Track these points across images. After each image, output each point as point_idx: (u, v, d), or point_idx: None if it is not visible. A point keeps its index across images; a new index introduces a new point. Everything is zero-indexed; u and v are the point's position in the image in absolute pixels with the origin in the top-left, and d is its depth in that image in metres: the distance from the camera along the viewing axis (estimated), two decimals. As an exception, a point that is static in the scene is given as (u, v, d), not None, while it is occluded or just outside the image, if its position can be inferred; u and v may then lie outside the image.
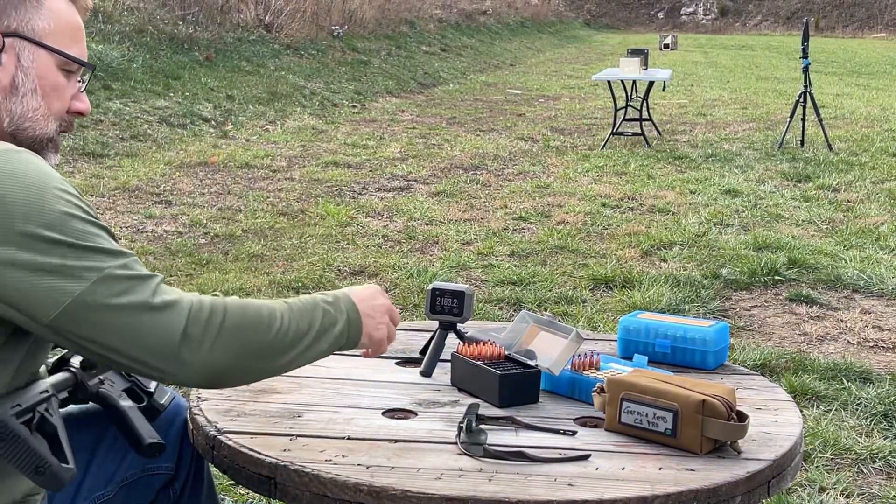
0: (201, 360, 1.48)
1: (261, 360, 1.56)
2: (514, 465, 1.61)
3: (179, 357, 1.46)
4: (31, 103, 1.58)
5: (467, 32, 26.77)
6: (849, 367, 4.24)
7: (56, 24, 1.60)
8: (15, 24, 1.57)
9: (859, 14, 45.37)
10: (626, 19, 51.91)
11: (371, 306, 1.72)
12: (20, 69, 1.57)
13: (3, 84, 1.56)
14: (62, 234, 1.41)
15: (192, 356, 1.47)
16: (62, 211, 1.42)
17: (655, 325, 2.12)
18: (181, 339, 1.46)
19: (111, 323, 1.43)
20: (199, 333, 1.48)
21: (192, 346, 1.47)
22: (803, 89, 10.52)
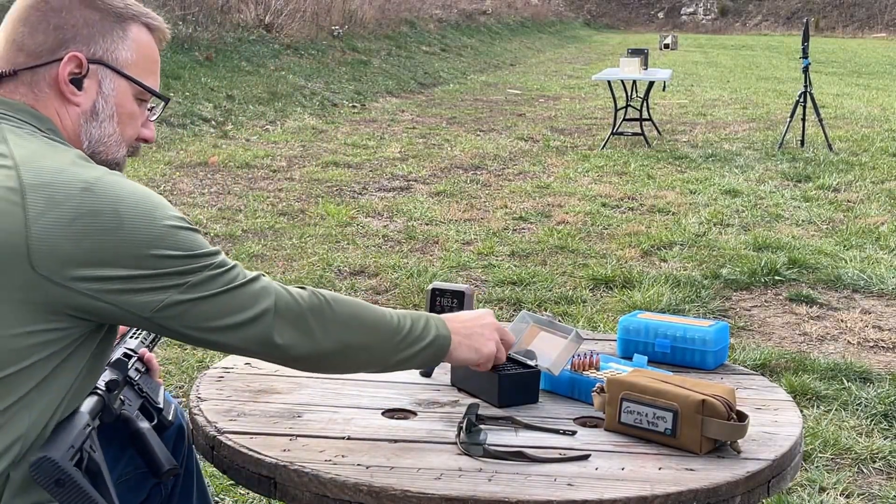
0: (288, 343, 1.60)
1: (364, 348, 1.66)
2: (514, 465, 1.61)
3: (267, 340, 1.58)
4: (107, 129, 1.66)
5: (467, 32, 26.77)
6: (849, 367, 4.24)
7: (137, 56, 1.67)
8: (101, 52, 1.64)
9: (859, 14, 45.37)
10: (626, 19, 51.91)
11: (477, 325, 1.80)
12: (101, 95, 1.64)
13: (84, 108, 1.63)
14: (170, 248, 1.51)
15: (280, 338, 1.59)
16: (169, 225, 1.52)
17: (655, 324, 2.12)
18: (273, 315, 1.58)
19: (209, 311, 1.54)
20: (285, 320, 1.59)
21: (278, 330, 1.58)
22: (803, 89, 10.52)
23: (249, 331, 1.56)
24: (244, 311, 1.56)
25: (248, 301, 1.56)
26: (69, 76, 1.61)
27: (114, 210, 1.47)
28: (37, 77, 1.61)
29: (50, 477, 1.44)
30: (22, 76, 1.60)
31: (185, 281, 1.52)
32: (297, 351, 1.60)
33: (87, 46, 1.62)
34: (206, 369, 2.51)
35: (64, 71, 1.60)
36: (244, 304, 1.56)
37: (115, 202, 1.48)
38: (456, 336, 1.75)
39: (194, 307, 1.53)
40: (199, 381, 1.96)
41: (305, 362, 1.63)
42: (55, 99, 1.62)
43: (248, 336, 1.57)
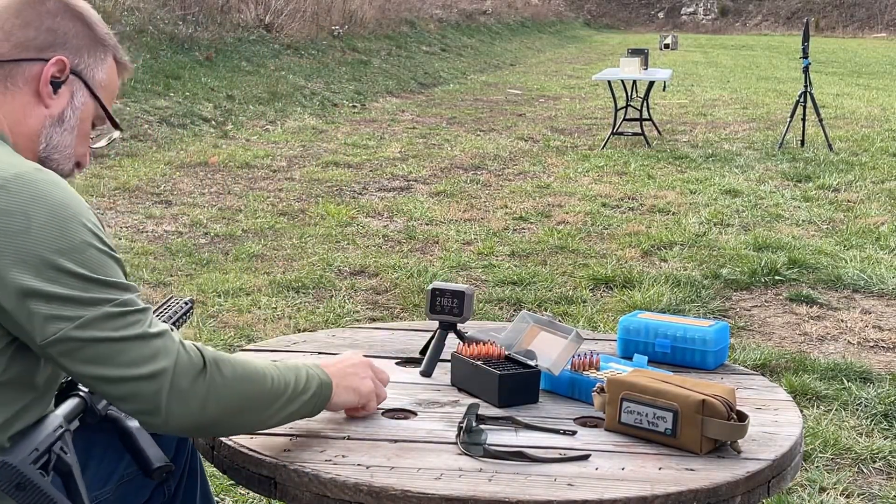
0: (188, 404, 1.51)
1: (248, 412, 1.58)
2: (514, 465, 1.61)
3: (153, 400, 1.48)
4: (66, 139, 1.67)
5: (467, 32, 26.77)
6: (849, 367, 4.24)
7: (108, 82, 1.72)
8: (83, 66, 1.67)
9: (859, 14, 45.36)
10: (627, 19, 51.91)
11: (348, 365, 1.77)
12: (71, 106, 1.67)
13: (52, 113, 1.64)
14: (76, 265, 1.45)
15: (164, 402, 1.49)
16: (82, 240, 1.47)
17: (655, 324, 2.12)
18: (170, 378, 1.48)
19: (102, 354, 1.46)
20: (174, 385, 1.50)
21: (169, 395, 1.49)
22: (803, 89, 10.52)
23: (138, 388, 1.48)
24: (138, 366, 1.47)
25: (146, 356, 1.48)
26: (51, 78, 1.62)
27: (24, 212, 1.43)
28: (16, 71, 1.61)
29: (10, 481, 1.44)
30: (2, 67, 1.60)
31: (81, 314, 1.44)
32: (178, 421, 1.51)
33: (72, 56, 1.65)
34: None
35: (48, 71, 1.62)
36: (140, 358, 1.47)
37: (29, 203, 1.44)
38: (335, 379, 1.72)
39: (87, 347, 1.46)
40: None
41: (182, 431, 1.56)
42: (27, 95, 1.62)
43: (135, 393, 1.48)
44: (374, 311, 4.98)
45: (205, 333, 4.50)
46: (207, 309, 4.91)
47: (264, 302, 5.04)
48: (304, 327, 4.66)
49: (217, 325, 4.69)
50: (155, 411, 1.49)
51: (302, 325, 4.71)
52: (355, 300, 5.16)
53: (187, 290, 5.19)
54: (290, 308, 4.98)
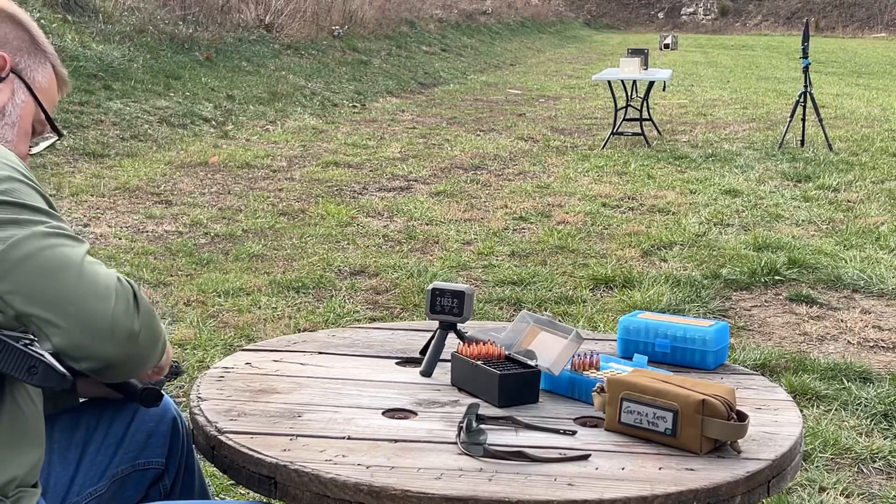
0: (132, 328, 1.48)
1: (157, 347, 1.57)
2: (514, 464, 1.61)
3: (103, 321, 1.45)
4: (7, 134, 1.71)
5: (467, 32, 26.77)
6: (849, 367, 4.24)
7: (48, 86, 1.77)
8: (23, 66, 1.73)
9: (859, 14, 45.36)
10: (627, 19, 51.90)
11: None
12: (12, 102, 1.72)
13: None
14: (3, 195, 1.47)
15: (127, 324, 1.47)
16: (5, 175, 1.50)
17: (655, 324, 2.12)
18: (114, 306, 1.46)
19: (40, 272, 1.43)
20: (124, 304, 1.48)
21: (122, 313, 1.47)
22: (803, 89, 10.52)
23: (85, 306, 1.44)
24: (80, 287, 1.44)
25: (89, 275, 1.46)
26: None
27: None
28: None
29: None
30: None
31: (12, 234, 1.43)
32: (114, 347, 1.46)
33: (13, 55, 1.71)
34: (206, 369, 2.51)
35: None
36: (83, 278, 1.45)
37: None
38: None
39: (24, 264, 1.42)
40: (199, 381, 1.96)
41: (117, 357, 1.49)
42: None
43: (83, 316, 1.44)
44: (374, 311, 4.98)
45: (205, 333, 4.50)
46: (207, 309, 4.91)
47: (264, 302, 5.04)
48: (304, 327, 4.66)
49: (217, 324, 4.69)
50: (96, 333, 1.44)
51: (302, 325, 4.71)
52: (355, 300, 5.16)
53: (187, 290, 5.19)
54: (290, 308, 4.98)
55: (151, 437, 1.91)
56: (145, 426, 1.91)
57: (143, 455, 1.90)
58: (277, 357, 2.12)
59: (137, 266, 5.59)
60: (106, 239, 6.29)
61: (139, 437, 1.90)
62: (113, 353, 1.47)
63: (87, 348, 1.45)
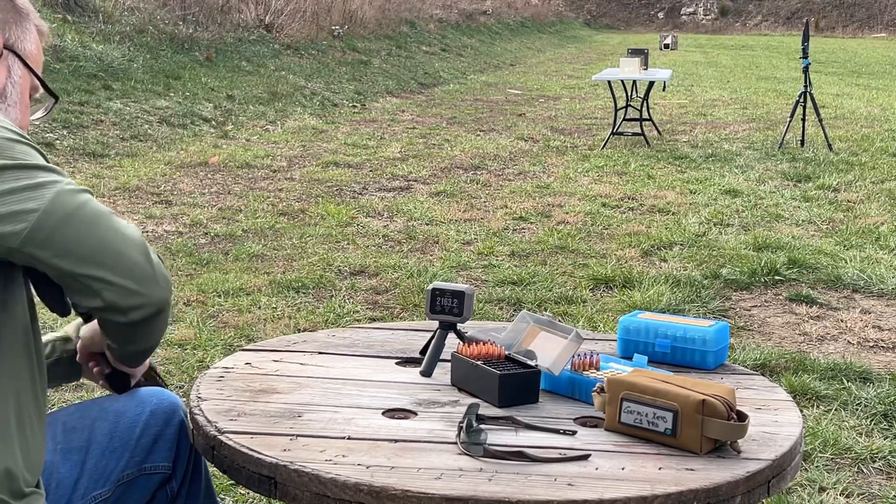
0: (164, 277, 1.52)
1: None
2: (514, 465, 1.61)
3: (148, 272, 1.49)
4: (12, 114, 1.65)
5: (467, 32, 26.77)
6: (849, 367, 4.24)
7: (37, 50, 1.70)
8: (13, 39, 1.65)
9: (859, 14, 45.37)
10: (626, 19, 51.91)
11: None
12: (10, 81, 1.65)
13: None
14: (8, 159, 1.45)
15: (157, 273, 1.51)
16: (4, 138, 1.47)
17: (655, 324, 2.12)
18: (144, 252, 1.49)
19: (81, 230, 1.45)
20: (155, 253, 1.53)
21: (154, 261, 1.51)
22: (803, 89, 10.52)
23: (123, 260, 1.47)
24: (113, 241, 1.47)
25: (118, 228, 1.48)
26: None
27: None
28: None
29: None
30: None
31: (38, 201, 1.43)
32: (153, 298, 1.51)
33: (3, 32, 1.64)
34: (206, 369, 2.51)
35: None
36: (116, 227, 1.47)
37: None
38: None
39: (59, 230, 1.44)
40: (199, 381, 1.96)
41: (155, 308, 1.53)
42: None
43: (130, 266, 1.47)
44: (374, 311, 4.98)
45: (205, 333, 4.50)
46: (207, 309, 4.91)
47: (264, 302, 5.04)
48: (304, 327, 4.66)
49: (217, 324, 4.69)
50: (145, 279, 1.48)
51: (302, 325, 4.71)
52: (355, 300, 5.16)
53: (187, 290, 5.19)
54: (290, 308, 4.98)
55: (158, 441, 1.90)
56: (152, 430, 1.89)
57: (150, 459, 1.89)
58: (277, 357, 2.12)
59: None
60: (106, 239, 6.28)
61: (145, 441, 1.88)
62: (162, 297, 1.52)
63: (141, 296, 1.49)
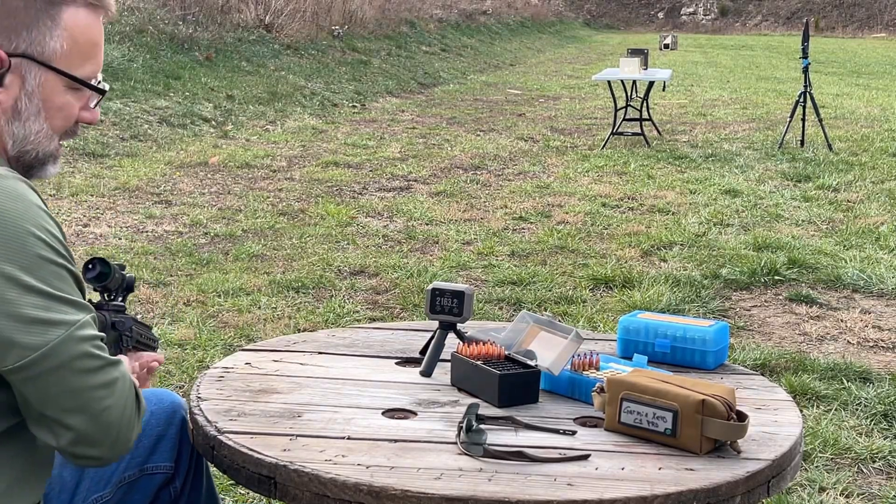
0: (131, 438, 1.57)
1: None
2: (514, 464, 1.61)
3: (117, 433, 1.53)
4: (33, 126, 1.55)
5: (467, 32, 26.77)
6: (849, 367, 4.24)
7: (70, 43, 1.54)
8: (25, 45, 1.51)
9: (859, 14, 45.37)
10: (626, 19, 51.91)
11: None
12: (24, 92, 1.53)
13: (5, 107, 1.53)
14: (36, 280, 1.40)
15: (128, 434, 1.55)
16: (38, 254, 1.41)
17: (655, 324, 2.12)
18: (122, 418, 1.52)
19: (68, 383, 1.45)
20: (130, 416, 1.55)
21: (127, 425, 1.54)
22: (803, 89, 10.52)
23: (104, 423, 1.50)
24: (99, 397, 1.48)
25: (106, 383, 1.49)
26: None
27: None
28: None
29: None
30: None
31: (46, 341, 1.41)
32: (120, 450, 1.56)
33: (8, 40, 1.49)
34: (206, 369, 2.51)
35: None
36: (100, 387, 1.48)
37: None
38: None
39: (51, 376, 1.43)
40: (199, 381, 1.96)
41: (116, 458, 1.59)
42: None
43: (103, 428, 1.50)
44: (374, 311, 4.98)
45: (205, 333, 4.50)
46: (207, 309, 4.91)
47: (264, 302, 5.04)
48: (304, 327, 4.66)
49: (217, 324, 4.69)
50: (103, 442, 1.51)
51: (302, 325, 4.71)
52: (355, 300, 5.16)
53: (187, 290, 5.19)
54: (290, 308, 4.98)
55: (160, 442, 1.89)
56: (154, 430, 1.89)
57: (152, 460, 1.89)
58: (277, 357, 2.12)
59: (137, 266, 5.58)
60: (106, 239, 6.29)
61: (147, 442, 1.88)
62: (111, 457, 1.55)
63: (96, 457, 1.53)
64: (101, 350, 1.49)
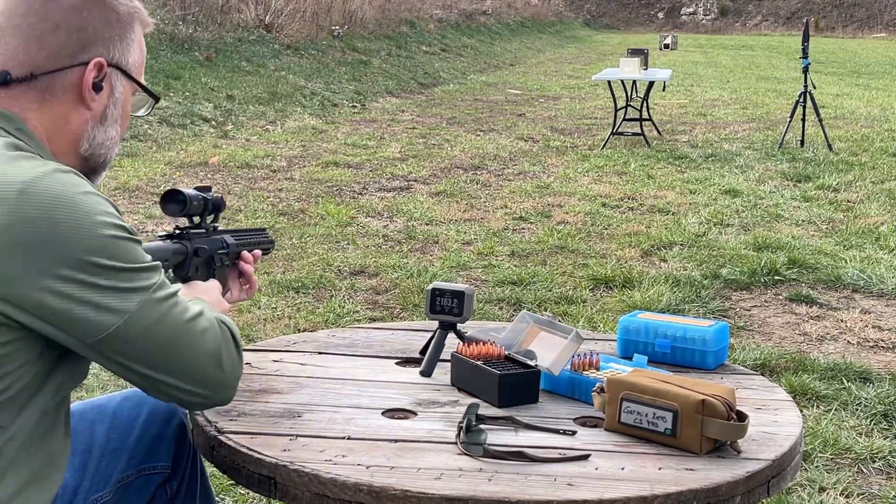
0: (234, 377, 1.64)
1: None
2: (514, 464, 1.61)
3: (219, 379, 1.60)
4: (111, 133, 1.64)
5: (467, 32, 26.77)
6: (849, 367, 4.24)
7: (140, 56, 1.67)
8: (117, 55, 1.61)
9: (859, 14, 45.37)
10: (626, 19, 51.91)
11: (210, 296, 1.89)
12: (111, 100, 1.62)
13: (95, 113, 1.60)
14: (110, 259, 1.45)
15: (228, 376, 1.61)
16: (109, 235, 1.45)
17: (655, 324, 2.12)
18: (216, 362, 1.58)
19: (159, 341, 1.51)
20: (229, 359, 1.61)
21: (226, 367, 1.60)
22: (803, 89, 10.52)
23: (200, 369, 1.56)
24: (195, 348, 1.55)
25: (199, 332, 1.55)
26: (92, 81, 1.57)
27: (49, 217, 1.40)
28: (54, 82, 1.55)
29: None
30: (39, 81, 1.54)
31: (126, 306, 1.46)
32: (230, 391, 1.64)
33: (106, 50, 1.59)
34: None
35: (89, 76, 1.57)
36: (193, 341, 1.54)
37: (52, 208, 1.41)
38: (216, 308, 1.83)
39: (141, 339, 1.49)
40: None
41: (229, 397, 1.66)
42: (68, 103, 1.57)
43: (202, 376, 1.57)
44: (374, 311, 4.98)
45: (205, 333, 4.49)
46: (207, 309, 4.91)
47: (264, 302, 5.04)
48: (304, 327, 4.66)
49: (217, 325, 4.69)
50: (210, 389, 1.59)
51: (302, 325, 4.71)
52: (355, 300, 5.16)
53: (187, 290, 5.19)
54: (290, 308, 4.98)
55: (158, 442, 1.90)
56: (151, 430, 1.90)
57: (149, 460, 1.89)
58: (277, 357, 2.12)
59: (137, 266, 5.58)
60: (106, 239, 6.28)
61: (145, 442, 1.88)
62: (226, 397, 1.64)
63: (207, 399, 1.61)
64: (181, 303, 1.54)
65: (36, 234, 1.40)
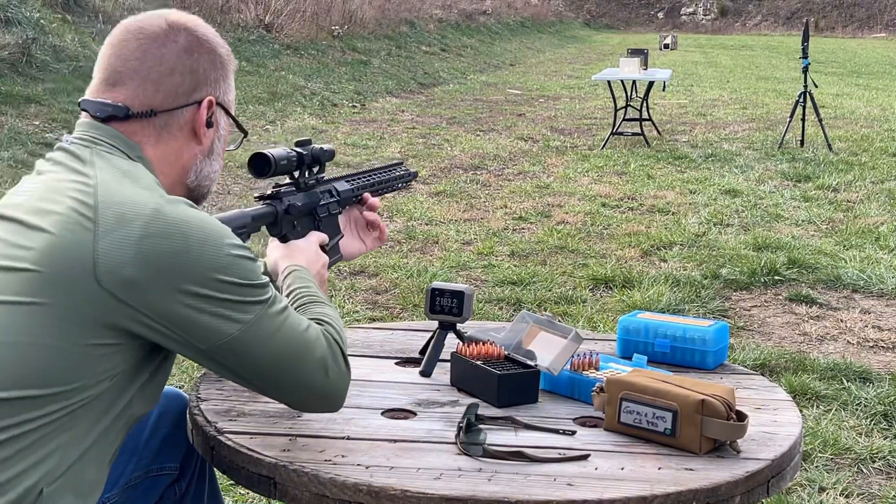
0: (341, 384, 1.68)
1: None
2: (514, 464, 1.61)
3: (325, 386, 1.65)
4: (215, 166, 1.76)
5: (467, 32, 26.77)
6: (849, 367, 4.24)
7: (233, 95, 1.80)
8: (222, 94, 1.74)
9: (859, 14, 45.38)
10: (626, 19, 51.91)
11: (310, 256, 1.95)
12: (218, 136, 1.75)
13: (204, 147, 1.72)
14: (232, 276, 1.54)
15: (333, 383, 1.66)
16: (234, 254, 1.55)
17: (655, 324, 2.12)
18: (323, 371, 1.64)
19: (270, 355, 1.59)
20: (335, 367, 1.66)
21: (332, 375, 1.65)
22: (803, 89, 10.52)
23: (309, 378, 1.62)
24: (304, 359, 1.61)
25: (308, 343, 1.62)
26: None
27: (182, 233, 1.50)
28: (171, 120, 1.66)
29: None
30: (158, 118, 1.65)
31: (244, 317, 1.55)
32: (340, 398, 1.68)
33: (213, 89, 1.71)
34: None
35: (203, 114, 1.68)
36: (304, 351, 1.61)
37: (183, 226, 1.51)
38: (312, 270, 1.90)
39: (256, 347, 1.57)
40: (199, 381, 1.96)
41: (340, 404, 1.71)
42: (182, 139, 1.68)
43: (308, 385, 1.63)
44: (374, 311, 4.98)
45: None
46: (207, 309, 4.91)
47: (264, 302, 5.03)
48: (303, 327, 4.65)
49: (217, 325, 4.68)
50: (326, 395, 1.65)
51: (302, 325, 4.70)
52: (355, 300, 5.16)
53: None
54: (290, 308, 4.98)
55: (168, 443, 1.91)
56: (160, 432, 1.91)
57: (157, 461, 1.90)
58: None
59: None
60: (106, 239, 6.28)
61: (153, 444, 1.90)
62: (335, 405, 1.69)
63: (311, 406, 1.69)
64: (293, 318, 1.61)
65: (170, 248, 1.49)
